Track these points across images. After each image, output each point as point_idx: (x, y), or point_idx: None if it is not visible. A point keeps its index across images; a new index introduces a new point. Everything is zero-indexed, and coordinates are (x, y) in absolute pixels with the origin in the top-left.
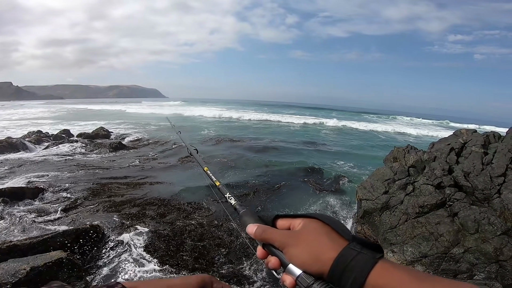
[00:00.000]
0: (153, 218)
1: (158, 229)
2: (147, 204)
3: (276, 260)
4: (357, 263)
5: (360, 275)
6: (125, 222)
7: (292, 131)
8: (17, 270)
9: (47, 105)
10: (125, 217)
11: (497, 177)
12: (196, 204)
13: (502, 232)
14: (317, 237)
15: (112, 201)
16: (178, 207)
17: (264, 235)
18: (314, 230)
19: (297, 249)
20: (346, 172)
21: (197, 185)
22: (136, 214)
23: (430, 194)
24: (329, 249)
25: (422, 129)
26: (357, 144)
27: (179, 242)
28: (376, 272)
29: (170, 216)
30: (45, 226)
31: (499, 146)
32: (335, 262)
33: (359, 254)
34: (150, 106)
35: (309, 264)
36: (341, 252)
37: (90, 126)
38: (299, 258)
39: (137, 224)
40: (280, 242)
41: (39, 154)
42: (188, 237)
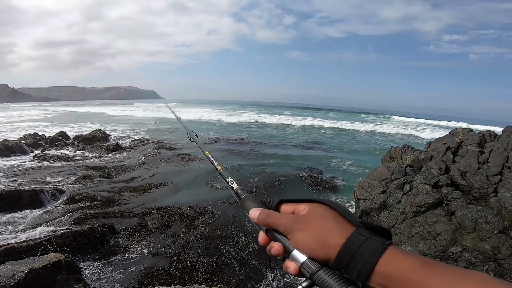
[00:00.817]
0: (156, 222)
1: (162, 233)
2: (149, 207)
3: (279, 245)
4: (366, 249)
5: (369, 262)
6: (127, 225)
7: (289, 132)
8: (16, 272)
9: (32, 108)
10: (126, 220)
11: (493, 176)
12: (200, 208)
13: (499, 230)
14: (324, 222)
15: (112, 204)
16: (180, 212)
17: (267, 219)
18: (320, 214)
19: (303, 234)
20: (343, 171)
21: (199, 185)
22: (139, 218)
23: (427, 193)
24: (337, 234)
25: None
26: (354, 144)
27: (184, 252)
28: (385, 258)
29: (173, 221)
30: (43, 229)
31: (495, 145)
32: (343, 247)
33: (368, 240)
34: (139, 107)
35: (316, 250)
36: (349, 238)
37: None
38: (305, 243)
39: (139, 229)
40: (285, 226)
41: (36, 156)
42: (194, 245)
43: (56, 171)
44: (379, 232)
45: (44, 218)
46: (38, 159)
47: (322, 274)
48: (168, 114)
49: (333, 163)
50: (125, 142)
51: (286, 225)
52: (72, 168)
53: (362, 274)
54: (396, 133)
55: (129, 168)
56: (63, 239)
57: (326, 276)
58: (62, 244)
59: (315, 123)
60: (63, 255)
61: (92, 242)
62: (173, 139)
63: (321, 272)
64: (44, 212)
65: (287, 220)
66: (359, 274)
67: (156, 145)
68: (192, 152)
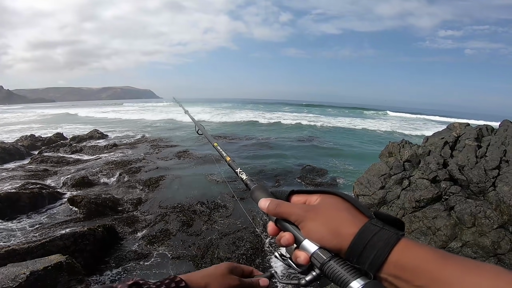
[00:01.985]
0: (161, 221)
1: (168, 232)
2: (151, 205)
3: (290, 235)
4: (379, 239)
5: (383, 251)
6: (128, 225)
7: (287, 129)
8: (17, 274)
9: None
10: (128, 221)
11: (491, 170)
12: (210, 204)
13: (498, 225)
14: (337, 212)
15: (112, 204)
16: (181, 208)
17: (278, 209)
18: (333, 205)
19: (316, 223)
20: (342, 168)
21: (202, 181)
22: (141, 218)
23: (426, 188)
24: (350, 224)
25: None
26: (352, 140)
27: (192, 246)
28: (399, 248)
29: (176, 216)
30: (43, 231)
31: (492, 139)
32: (356, 237)
33: (381, 230)
34: (126, 109)
35: (328, 239)
36: (363, 228)
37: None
38: (317, 233)
39: (145, 228)
40: (297, 215)
41: (33, 158)
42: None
43: (54, 173)
44: (393, 223)
45: (44, 220)
46: (36, 161)
47: (333, 263)
48: (176, 115)
49: (331, 159)
50: (123, 142)
51: (298, 214)
52: (70, 169)
53: (374, 263)
54: (391, 130)
55: (128, 167)
56: (63, 240)
57: (337, 266)
58: (62, 245)
59: (311, 119)
60: (64, 257)
61: (93, 243)
62: (171, 137)
63: (332, 262)
64: (44, 214)
65: (299, 210)
66: (372, 263)
67: (154, 144)
68: (189, 148)
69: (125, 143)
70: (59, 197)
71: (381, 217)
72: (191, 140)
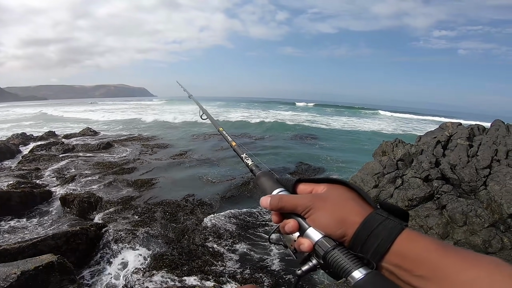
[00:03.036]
0: (153, 219)
1: (160, 229)
2: (144, 203)
3: (295, 222)
4: (383, 228)
5: (387, 240)
6: (120, 223)
7: (281, 127)
8: (8, 274)
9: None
10: (119, 219)
11: (482, 169)
12: (197, 201)
13: (489, 224)
14: (343, 201)
15: (104, 203)
16: (179, 204)
17: (281, 203)
18: (340, 194)
19: (322, 212)
20: (335, 166)
21: (193, 179)
22: (132, 215)
23: (419, 187)
24: (356, 213)
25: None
26: (346, 139)
27: (184, 245)
28: (402, 239)
29: (172, 214)
30: (34, 230)
31: (483, 138)
32: (361, 226)
33: (386, 220)
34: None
35: (333, 228)
36: (368, 217)
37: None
38: (323, 221)
39: (134, 225)
40: (304, 205)
41: (25, 157)
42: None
43: (46, 172)
44: (397, 214)
45: (35, 220)
46: (27, 160)
47: (337, 252)
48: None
49: (324, 158)
50: (116, 140)
51: (305, 205)
52: (62, 168)
53: (378, 252)
54: (383, 129)
55: (120, 165)
56: (55, 240)
57: (341, 254)
58: (54, 245)
59: (307, 118)
60: (55, 256)
61: (85, 242)
62: (163, 136)
63: (336, 250)
64: (35, 213)
65: (305, 200)
66: (375, 252)
67: (146, 142)
68: (182, 147)
69: (118, 141)
70: (50, 196)
71: (386, 207)
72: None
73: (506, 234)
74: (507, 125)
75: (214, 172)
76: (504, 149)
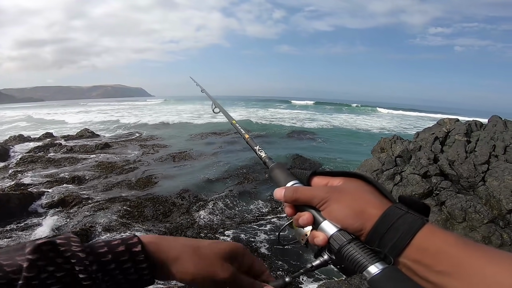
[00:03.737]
0: (148, 219)
1: (160, 228)
2: (143, 201)
3: (309, 215)
4: (404, 222)
5: (407, 234)
6: (120, 223)
7: (277, 125)
8: None
9: None
10: (119, 219)
11: (480, 165)
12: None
13: (489, 220)
14: (361, 194)
15: (105, 203)
16: (173, 202)
17: (296, 194)
18: (357, 187)
19: (340, 205)
20: (334, 164)
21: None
22: (132, 216)
23: (417, 183)
24: (374, 206)
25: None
26: (345, 137)
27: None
28: (423, 233)
29: (168, 214)
30: (35, 232)
31: (481, 134)
32: (380, 219)
33: (406, 214)
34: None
35: (351, 220)
36: (387, 210)
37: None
38: (340, 213)
39: (137, 226)
40: (320, 197)
41: (23, 159)
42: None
43: (45, 173)
44: (417, 208)
45: (36, 221)
46: (26, 162)
47: (353, 245)
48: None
49: (322, 156)
50: (114, 141)
51: (321, 196)
52: (61, 169)
53: (397, 246)
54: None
55: (119, 166)
56: None
57: (357, 248)
58: None
59: (306, 117)
60: None
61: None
62: (162, 137)
63: (352, 244)
64: (35, 215)
65: (322, 192)
66: (394, 246)
67: (145, 142)
68: (175, 145)
69: (117, 142)
70: (50, 198)
71: (405, 201)
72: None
73: (506, 230)
74: (505, 120)
75: (211, 169)
76: (502, 144)
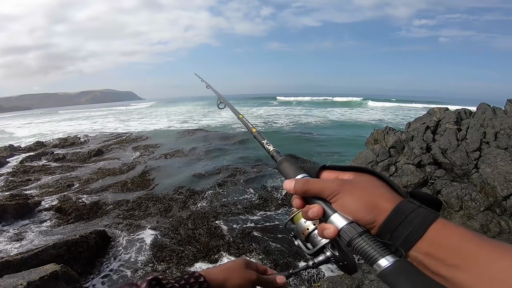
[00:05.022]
0: (151, 214)
1: (161, 225)
2: (143, 206)
3: (319, 207)
4: (417, 216)
5: (420, 228)
6: (123, 228)
7: (271, 121)
8: (15, 286)
9: None
10: (117, 224)
11: (472, 152)
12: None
13: (485, 207)
14: (373, 187)
15: (101, 209)
16: (172, 198)
17: (306, 186)
18: (368, 181)
19: (352, 197)
20: (329, 158)
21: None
22: (127, 220)
23: (412, 173)
24: (387, 200)
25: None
26: (337, 130)
27: (183, 234)
28: (436, 227)
29: (169, 210)
30: (34, 241)
31: (471, 122)
32: (393, 212)
33: (419, 208)
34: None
35: (364, 213)
36: (399, 204)
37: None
38: (352, 206)
39: (137, 230)
40: (332, 190)
41: (15, 169)
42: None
43: (39, 182)
44: (429, 204)
45: (33, 230)
46: (18, 172)
47: (364, 238)
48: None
49: (316, 150)
50: (106, 146)
51: (333, 188)
52: (54, 178)
53: (410, 239)
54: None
55: (113, 171)
56: (56, 249)
57: (368, 241)
58: (56, 254)
59: (296, 112)
60: (58, 266)
61: (87, 249)
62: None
63: (363, 237)
64: (32, 224)
65: (333, 184)
66: (407, 239)
67: (137, 146)
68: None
69: (111, 149)
70: (45, 206)
71: (417, 196)
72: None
73: (503, 217)
74: (493, 107)
75: (204, 165)
76: (492, 131)
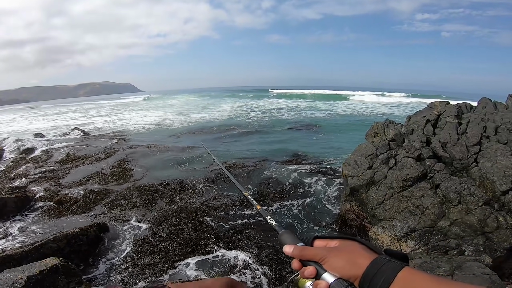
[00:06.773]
0: (146, 211)
1: (155, 221)
2: (137, 198)
3: (313, 268)
4: (387, 268)
5: (390, 276)
6: (118, 220)
7: (270, 116)
8: (15, 280)
9: None
10: (117, 214)
11: (472, 146)
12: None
13: (483, 202)
14: (354, 249)
15: (102, 199)
16: (163, 191)
17: (303, 252)
18: (350, 245)
19: (337, 258)
20: (329, 151)
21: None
22: (128, 209)
23: (411, 166)
24: (365, 257)
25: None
26: (338, 125)
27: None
28: (403, 274)
29: (154, 203)
30: (34, 234)
31: (471, 116)
32: (369, 266)
33: (389, 262)
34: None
35: (347, 269)
36: (374, 260)
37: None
38: (337, 265)
39: (132, 220)
40: (322, 255)
41: (14, 161)
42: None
43: (36, 175)
44: (398, 258)
45: (34, 223)
46: (17, 165)
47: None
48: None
49: (317, 143)
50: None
51: (323, 254)
52: (54, 170)
53: (383, 286)
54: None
55: (110, 162)
56: (56, 242)
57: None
58: (56, 247)
59: (298, 105)
60: (58, 259)
61: (86, 242)
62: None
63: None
64: (32, 217)
65: (324, 251)
66: (381, 286)
67: (120, 137)
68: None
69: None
70: (45, 199)
71: (389, 253)
72: None
73: (501, 212)
74: (494, 102)
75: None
76: (493, 125)
